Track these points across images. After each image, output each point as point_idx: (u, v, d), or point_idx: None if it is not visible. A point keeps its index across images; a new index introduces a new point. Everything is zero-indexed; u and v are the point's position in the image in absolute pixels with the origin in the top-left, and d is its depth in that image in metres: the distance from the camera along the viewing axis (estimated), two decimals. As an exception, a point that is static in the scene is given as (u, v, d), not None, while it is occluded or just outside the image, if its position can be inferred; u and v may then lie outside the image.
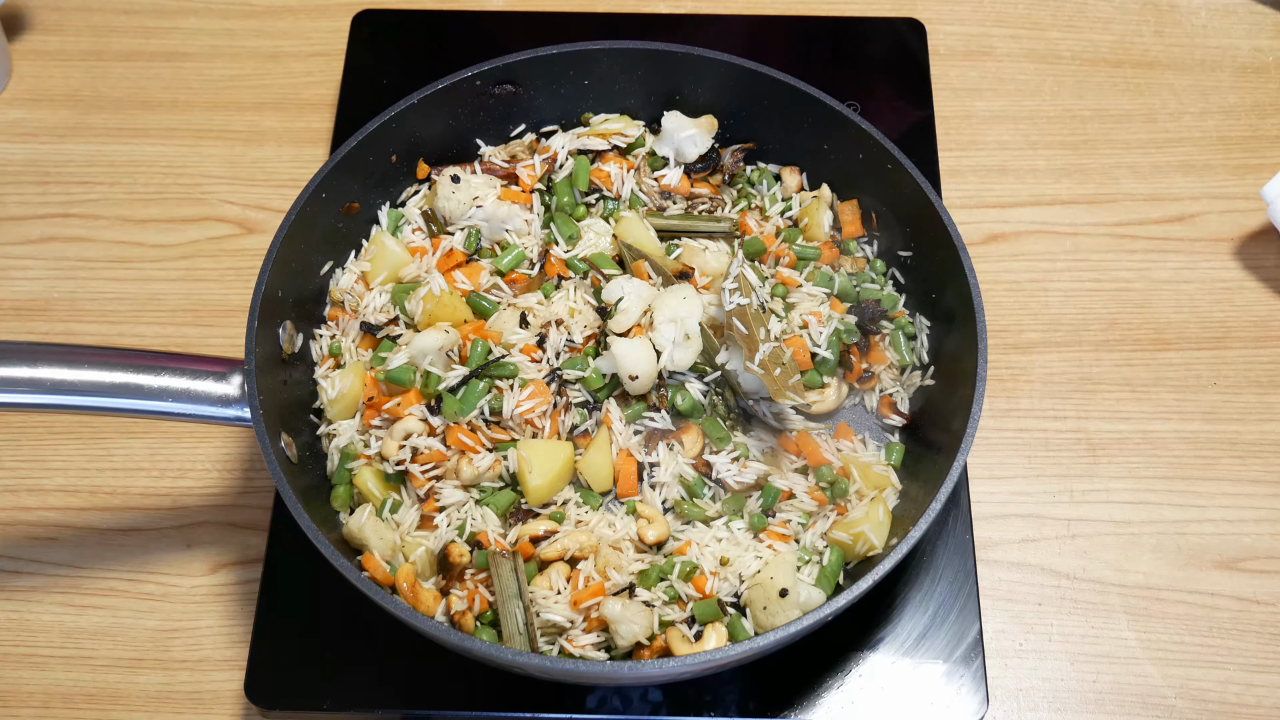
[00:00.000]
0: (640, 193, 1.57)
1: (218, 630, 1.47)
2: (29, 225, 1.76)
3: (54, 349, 1.29)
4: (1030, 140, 1.85)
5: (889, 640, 1.41)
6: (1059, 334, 1.68)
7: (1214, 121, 1.87)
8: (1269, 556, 1.52)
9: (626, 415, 1.43)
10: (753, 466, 1.41)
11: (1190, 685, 1.44)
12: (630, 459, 1.42)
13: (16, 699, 1.43)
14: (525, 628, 1.28)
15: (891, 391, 1.50)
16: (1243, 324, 1.68)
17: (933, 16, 1.96)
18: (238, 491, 1.56)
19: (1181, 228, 1.77)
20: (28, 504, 1.55)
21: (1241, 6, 1.98)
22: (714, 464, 1.41)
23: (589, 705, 1.36)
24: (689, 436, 1.42)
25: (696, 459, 1.42)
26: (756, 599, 1.30)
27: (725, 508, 1.40)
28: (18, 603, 1.49)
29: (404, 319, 1.49)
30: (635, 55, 1.57)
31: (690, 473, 1.41)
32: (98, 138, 1.84)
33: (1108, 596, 1.49)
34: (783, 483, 1.40)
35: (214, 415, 1.30)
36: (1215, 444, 1.59)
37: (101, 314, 1.69)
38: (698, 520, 1.39)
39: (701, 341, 1.43)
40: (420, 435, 1.38)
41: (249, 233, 1.76)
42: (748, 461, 1.42)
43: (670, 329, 1.42)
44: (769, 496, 1.39)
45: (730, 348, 1.43)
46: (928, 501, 1.26)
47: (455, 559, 1.33)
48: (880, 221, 1.56)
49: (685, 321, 1.42)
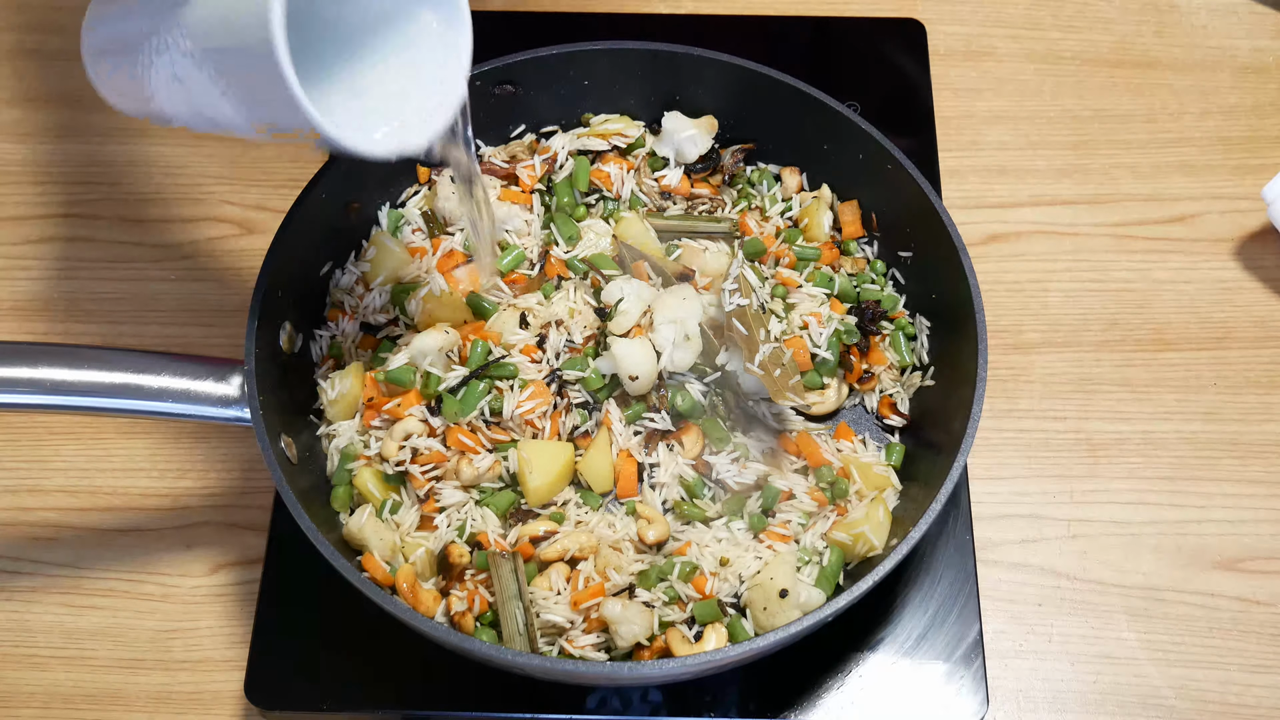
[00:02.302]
0: (640, 193, 1.57)
1: (218, 631, 1.47)
2: (29, 225, 1.76)
3: (54, 349, 1.29)
4: (1030, 140, 1.85)
5: (889, 640, 1.41)
6: (1059, 334, 1.68)
7: (1214, 122, 1.87)
8: (1269, 557, 1.52)
9: (626, 416, 1.43)
10: (752, 467, 1.41)
11: (1190, 685, 1.44)
12: (630, 460, 1.42)
13: (16, 699, 1.43)
14: (525, 628, 1.28)
15: (891, 392, 1.50)
16: (1243, 324, 1.68)
17: (933, 17, 1.96)
18: (238, 491, 1.56)
19: (1181, 228, 1.77)
20: (28, 504, 1.55)
21: (1241, 6, 1.98)
22: (714, 464, 1.41)
23: (589, 706, 1.36)
24: (689, 437, 1.42)
25: (696, 459, 1.42)
26: (756, 599, 1.30)
27: (725, 508, 1.40)
28: (18, 603, 1.49)
29: (404, 319, 1.49)
30: (635, 55, 1.57)
31: (690, 473, 1.41)
32: (98, 138, 1.84)
33: (1108, 597, 1.49)
34: (783, 483, 1.40)
35: (214, 415, 1.30)
36: (1216, 444, 1.59)
37: (101, 314, 1.69)
38: (697, 520, 1.39)
39: (701, 342, 1.43)
40: (420, 436, 1.38)
41: (249, 233, 1.76)
42: (748, 462, 1.41)
43: (670, 330, 1.42)
44: (769, 497, 1.39)
45: (730, 348, 1.43)
46: (928, 502, 1.26)
47: (455, 560, 1.33)
48: (880, 221, 1.56)
49: (685, 322, 1.42)
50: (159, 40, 1.10)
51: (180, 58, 1.09)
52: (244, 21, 1.00)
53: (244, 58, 1.02)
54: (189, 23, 1.06)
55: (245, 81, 1.06)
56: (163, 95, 1.14)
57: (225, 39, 1.04)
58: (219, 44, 1.05)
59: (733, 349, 1.42)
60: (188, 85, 1.10)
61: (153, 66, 1.12)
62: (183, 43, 1.07)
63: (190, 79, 1.10)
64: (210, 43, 1.05)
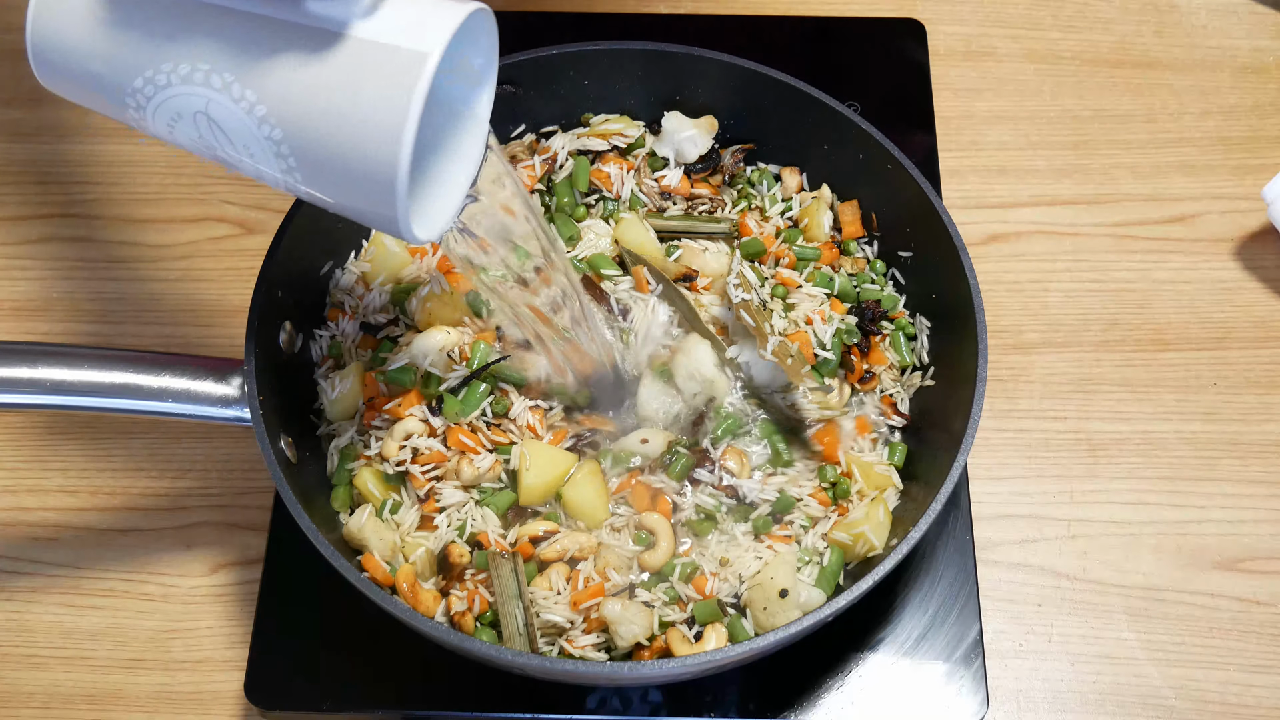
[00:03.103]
0: (640, 193, 1.57)
1: (218, 631, 1.47)
2: (29, 225, 1.76)
3: (54, 349, 1.28)
4: (1030, 140, 1.85)
5: (889, 641, 1.41)
6: (1059, 334, 1.68)
7: (1214, 122, 1.87)
8: (1269, 557, 1.52)
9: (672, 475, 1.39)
10: (774, 482, 1.39)
11: (1190, 686, 1.44)
12: (664, 500, 1.38)
13: (16, 699, 1.43)
14: (525, 628, 1.28)
15: (892, 392, 1.50)
16: (1243, 324, 1.68)
17: (933, 17, 1.96)
18: (238, 491, 1.56)
19: (1181, 228, 1.77)
20: (28, 504, 1.55)
21: (1241, 6, 1.98)
22: (738, 487, 1.39)
23: (589, 706, 1.36)
24: (734, 460, 1.39)
25: (736, 478, 1.39)
26: (756, 599, 1.30)
27: (734, 516, 1.39)
28: (18, 603, 1.49)
29: (404, 319, 1.49)
30: (635, 55, 1.57)
31: (709, 501, 1.38)
32: (98, 138, 1.84)
33: (1108, 597, 1.49)
34: (796, 490, 1.39)
35: (214, 415, 1.29)
36: (1216, 445, 1.59)
37: (101, 314, 1.69)
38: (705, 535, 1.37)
39: (725, 377, 1.43)
40: (420, 436, 1.38)
41: (249, 233, 1.76)
42: (772, 477, 1.40)
43: (693, 384, 1.41)
44: (782, 505, 1.38)
45: (741, 341, 1.43)
46: (928, 502, 1.26)
47: (455, 559, 1.33)
48: (880, 222, 1.56)
49: (699, 370, 1.41)
50: (175, 71, 0.98)
51: (221, 100, 0.97)
52: (363, 131, 0.92)
53: (346, 161, 0.94)
54: (261, 86, 0.95)
55: (330, 173, 0.97)
56: (160, 126, 1.02)
57: (324, 132, 0.94)
58: (313, 136, 0.95)
59: (743, 341, 1.42)
60: (217, 131, 0.99)
61: (162, 95, 0.99)
62: (233, 90, 0.96)
63: (229, 128, 0.98)
64: (298, 130, 0.95)
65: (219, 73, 0.97)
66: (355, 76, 0.95)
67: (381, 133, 0.94)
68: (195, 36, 0.97)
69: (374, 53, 0.95)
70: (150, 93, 0.99)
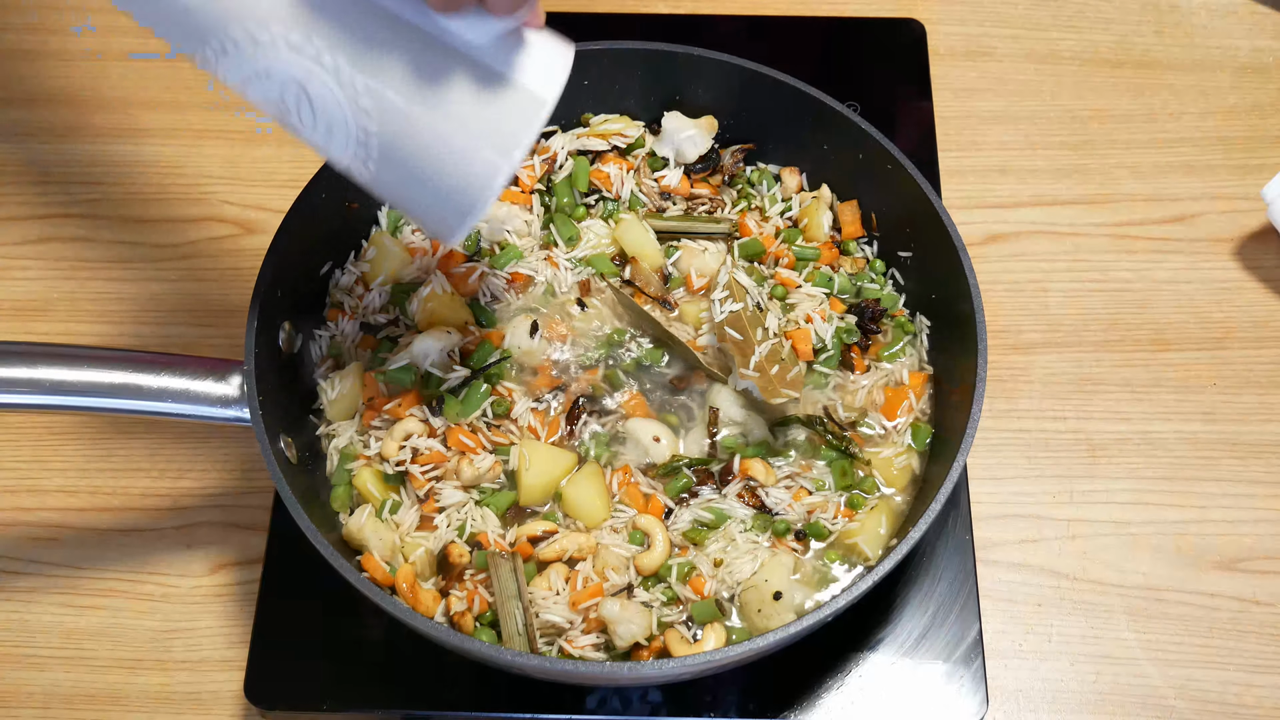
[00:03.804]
0: (640, 194, 1.57)
1: (217, 631, 1.47)
2: (29, 225, 1.76)
3: (54, 349, 1.29)
4: (1030, 140, 1.85)
5: (889, 641, 1.41)
6: (1059, 334, 1.68)
7: (1214, 122, 1.87)
8: (1269, 557, 1.52)
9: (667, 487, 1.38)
10: (806, 501, 1.38)
11: (1190, 686, 1.44)
12: (656, 500, 1.38)
13: (16, 699, 1.43)
14: (524, 628, 1.28)
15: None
16: (1243, 324, 1.68)
17: (933, 16, 1.96)
18: (238, 491, 1.56)
19: (1182, 228, 1.77)
20: (27, 504, 1.55)
21: (1241, 6, 1.98)
22: (764, 496, 1.38)
23: (588, 706, 1.36)
24: (759, 471, 1.38)
25: (760, 488, 1.38)
26: (751, 602, 1.30)
27: (756, 527, 1.37)
28: (18, 603, 1.49)
29: (404, 319, 1.49)
30: (635, 55, 1.57)
31: (705, 515, 1.37)
32: (98, 138, 1.84)
33: (1108, 597, 1.49)
34: (825, 518, 1.38)
35: (213, 415, 1.30)
36: (1215, 444, 1.59)
37: (101, 314, 1.69)
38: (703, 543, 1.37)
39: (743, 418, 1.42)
40: (420, 436, 1.38)
41: (249, 233, 1.76)
42: (805, 494, 1.38)
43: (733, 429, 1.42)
44: (814, 531, 1.36)
45: (735, 366, 1.41)
46: (928, 502, 1.26)
47: (455, 559, 1.33)
48: (880, 221, 1.56)
49: (728, 417, 1.41)
50: (287, 38, 0.95)
51: (324, 79, 0.95)
52: (463, 155, 0.92)
53: (435, 175, 0.94)
54: (373, 80, 0.93)
55: (410, 178, 0.96)
56: (235, 76, 0.99)
57: (423, 142, 0.93)
58: (408, 141, 0.94)
59: (727, 355, 1.41)
60: (305, 103, 0.97)
61: (259, 53, 0.96)
62: (343, 74, 0.94)
63: (321, 105, 0.96)
64: (395, 131, 0.94)
65: (333, 53, 0.95)
66: (471, 101, 0.94)
67: (481, 164, 0.94)
68: (319, 13, 0.95)
69: (495, 83, 0.94)
70: (247, 46, 0.97)
